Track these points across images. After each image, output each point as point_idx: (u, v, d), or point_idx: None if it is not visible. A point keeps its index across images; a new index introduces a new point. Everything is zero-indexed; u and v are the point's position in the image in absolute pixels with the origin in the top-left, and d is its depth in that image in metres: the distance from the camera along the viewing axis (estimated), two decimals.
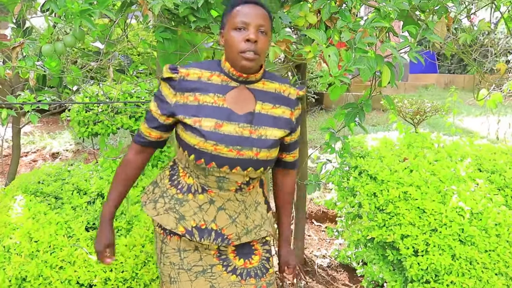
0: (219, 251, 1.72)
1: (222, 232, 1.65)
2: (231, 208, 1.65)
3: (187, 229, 1.64)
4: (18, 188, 2.67)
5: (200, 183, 1.63)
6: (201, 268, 1.70)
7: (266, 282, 1.77)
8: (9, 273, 2.13)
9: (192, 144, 1.54)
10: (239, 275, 1.73)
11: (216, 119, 1.54)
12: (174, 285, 1.70)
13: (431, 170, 2.69)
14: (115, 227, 2.24)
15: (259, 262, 1.77)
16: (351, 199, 2.72)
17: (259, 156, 1.57)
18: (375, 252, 2.65)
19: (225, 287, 1.71)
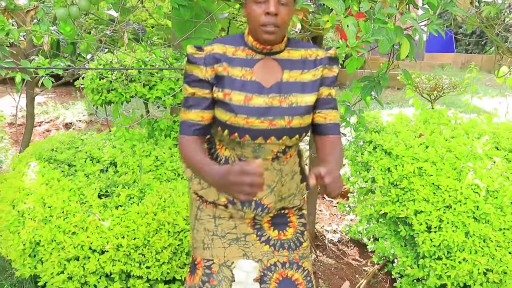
0: (254, 220, 1.72)
1: (261, 202, 1.64)
2: (269, 177, 1.63)
3: (228, 199, 1.65)
4: (32, 155, 2.69)
5: (237, 155, 1.62)
6: (235, 236, 1.71)
7: (299, 255, 1.77)
8: (23, 237, 2.15)
9: (224, 119, 1.53)
10: (272, 246, 1.74)
11: (245, 93, 1.52)
12: (207, 251, 1.71)
13: (447, 146, 2.65)
14: (127, 195, 2.24)
15: (293, 235, 1.76)
16: (365, 174, 2.69)
17: (292, 124, 1.54)
18: (387, 228, 2.63)
19: (258, 256, 1.72)
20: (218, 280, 1.69)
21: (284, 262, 1.75)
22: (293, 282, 1.76)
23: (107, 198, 2.26)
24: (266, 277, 1.73)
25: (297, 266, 1.77)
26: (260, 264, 1.72)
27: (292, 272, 1.76)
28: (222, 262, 1.70)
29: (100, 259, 2.06)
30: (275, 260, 1.74)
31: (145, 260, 2.06)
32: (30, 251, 2.17)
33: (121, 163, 2.52)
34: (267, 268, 1.73)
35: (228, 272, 1.70)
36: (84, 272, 2.09)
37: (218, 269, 1.70)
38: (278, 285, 1.74)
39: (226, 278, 1.69)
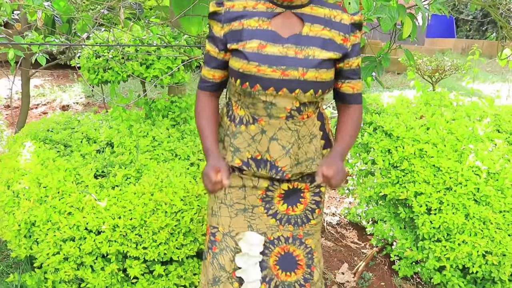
0: (266, 192, 1.69)
1: (276, 164, 1.61)
2: (284, 138, 1.59)
3: (243, 161, 1.62)
4: (27, 136, 2.65)
5: (250, 113, 1.59)
6: (242, 207, 1.69)
7: (304, 232, 1.75)
8: (18, 217, 2.12)
9: (237, 68, 1.51)
10: (279, 220, 1.72)
11: (259, 40, 1.50)
12: (214, 218, 1.70)
13: (448, 128, 2.62)
14: (123, 175, 2.21)
15: (303, 211, 1.74)
16: (365, 156, 2.66)
17: (306, 77, 1.48)
18: (386, 210, 2.61)
19: (262, 229, 1.70)
20: (220, 249, 1.68)
21: (288, 237, 1.73)
22: (293, 258, 1.74)
23: (104, 178, 2.22)
24: (267, 249, 1.72)
25: (300, 243, 1.75)
26: (263, 237, 1.71)
27: (294, 247, 1.74)
28: (226, 231, 1.69)
29: (96, 239, 2.04)
30: (279, 234, 1.72)
31: (142, 240, 2.04)
32: (26, 232, 2.14)
33: (117, 143, 2.48)
34: (270, 241, 1.72)
35: (231, 242, 1.68)
36: (80, 252, 2.07)
37: (221, 238, 1.69)
38: (279, 258, 1.72)
39: (229, 248, 1.68)
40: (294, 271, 1.74)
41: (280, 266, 1.73)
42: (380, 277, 2.70)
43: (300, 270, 1.75)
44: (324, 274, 2.66)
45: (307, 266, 1.76)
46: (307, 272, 1.76)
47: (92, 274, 2.10)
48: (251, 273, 1.68)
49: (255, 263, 1.69)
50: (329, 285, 2.59)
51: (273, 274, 1.72)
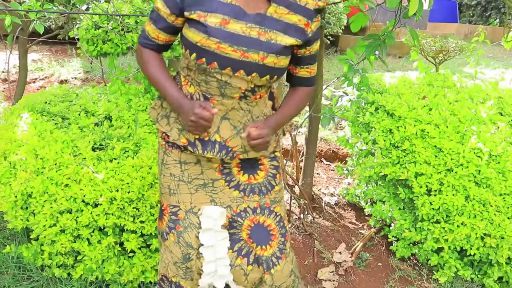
0: (223, 165, 1.65)
1: (226, 144, 1.57)
2: (236, 117, 1.56)
3: (189, 141, 1.57)
4: (24, 107, 2.61)
5: (202, 91, 1.53)
6: (202, 182, 1.65)
7: (271, 200, 1.71)
8: (15, 188, 2.10)
9: (195, 41, 1.43)
10: (242, 191, 1.68)
11: (223, 15, 1.42)
12: (174, 197, 1.66)
13: (451, 109, 2.59)
14: (122, 148, 2.18)
15: (265, 178, 1.70)
16: (365, 135, 2.63)
17: (265, 61, 1.46)
18: (386, 190, 2.60)
19: (227, 203, 1.67)
20: (184, 227, 1.65)
21: (255, 207, 1.69)
22: (265, 228, 1.70)
23: (101, 151, 2.20)
24: (236, 223, 1.68)
25: (269, 211, 1.71)
26: (229, 210, 1.67)
27: (264, 217, 1.70)
28: (188, 209, 1.66)
29: (93, 212, 2.02)
30: (245, 205, 1.68)
31: (139, 214, 2.02)
32: (22, 203, 2.12)
33: (116, 117, 2.45)
34: (236, 214, 1.68)
35: (195, 219, 1.65)
36: (77, 225, 2.05)
37: (184, 216, 1.66)
38: (250, 232, 1.69)
39: (193, 225, 1.65)
40: (269, 243, 1.70)
41: (254, 239, 1.69)
42: (377, 258, 2.70)
43: (275, 241, 1.71)
44: (322, 253, 2.66)
45: (281, 235, 1.73)
46: (281, 242, 1.72)
47: (88, 247, 2.08)
48: (220, 249, 1.66)
49: (223, 238, 1.66)
50: (326, 264, 2.59)
51: (250, 247, 1.69)
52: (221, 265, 1.67)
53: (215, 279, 1.68)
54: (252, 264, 1.70)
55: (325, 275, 2.49)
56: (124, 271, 2.11)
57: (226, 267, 1.68)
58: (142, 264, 2.09)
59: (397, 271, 2.60)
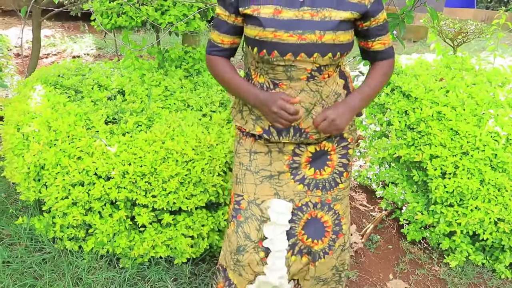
0: (293, 158, 1.65)
1: (299, 126, 1.57)
2: (306, 99, 1.55)
3: (264, 129, 1.59)
4: (37, 80, 2.60)
5: (270, 79, 1.55)
6: (268, 173, 1.65)
7: (332, 196, 1.70)
8: (27, 160, 2.10)
9: (253, 36, 1.48)
10: (306, 185, 1.68)
11: (275, 6, 1.45)
12: (239, 186, 1.67)
13: (469, 92, 2.54)
14: (134, 122, 2.17)
15: (330, 174, 1.69)
16: (380, 116, 2.59)
17: (323, 40, 1.44)
18: (399, 172, 2.57)
19: (290, 196, 1.66)
20: (245, 217, 1.65)
21: (316, 202, 1.70)
22: (321, 224, 1.70)
23: (114, 125, 2.19)
24: (296, 216, 1.68)
25: (328, 208, 1.71)
26: (292, 204, 1.67)
27: (322, 213, 1.70)
28: (251, 199, 1.65)
29: (106, 185, 2.01)
30: (307, 200, 1.68)
31: (151, 188, 2.02)
32: (35, 175, 2.13)
33: (129, 91, 2.43)
34: (298, 208, 1.68)
35: (257, 210, 1.65)
36: (89, 198, 2.05)
37: (246, 206, 1.65)
38: (305, 224, 1.69)
39: (254, 216, 1.65)
40: (322, 239, 1.70)
41: (306, 231, 1.69)
42: (388, 240, 2.68)
43: (327, 237, 1.71)
44: None
45: (333, 232, 1.73)
46: (331, 239, 1.72)
47: (100, 220, 2.09)
48: (277, 242, 1.65)
49: (282, 232, 1.66)
50: None
51: (298, 239, 1.69)
52: (278, 257, 1.66)
53: (270, 273, 1.66)
54: (296, 255, 1.70)
55: None
56: (134, 245, 2.11)
57: (282, 259, 1.67)
58: (153, 239, 2.10)
59: (407, 254, 2.58)
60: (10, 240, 2.34)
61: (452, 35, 2.91)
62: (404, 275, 2.48)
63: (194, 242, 2.17)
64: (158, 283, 2.15)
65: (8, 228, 2.39)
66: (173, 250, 2.13)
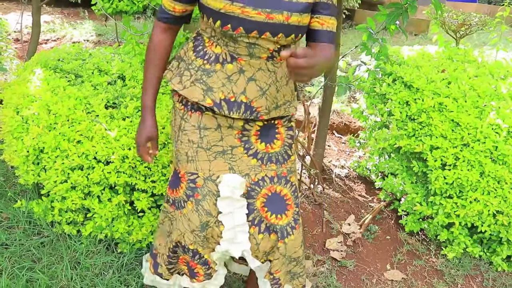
0: (242, 132, 1.64)
1: (251, 105, 1.56)
2: (262, 79, 1.55)
3: (215, 102, 1.55)
4: (37, 63, 2.58)
5: (229, 51, 1.52)
6: (221, 149, 1.63)
7: (287, 169, 1.70)
8: (27, 143, 2.09)
9: (218, 8, 1.43)
10: (260, 160, 1.67)
11: None
12: (192, 164, 1.63)
13: (471, 84, 2.53)
14: (135, 107, 2.15)
15: (281, 147, 1.69)
16: (381, 107, 2.59)
17: (290, 21, 1.44)
18: (399, 163, 2.57)
19: (245, 171, 1.65)
20: (202, 195, 1.63)
21: (272, 176, 1.68)
22: (281, 198, 1.69)
23: (114, 109, 2.17)
24: (253, 192, 1.67)
25: (285, 181, 1.70)
26: (247, 179, 1.65)
27: (280, 187, 1.69)
28: (207, 176, 1.63)
29: (105, 169, 2.01)
30: (263, 174, 1.67)
31: (151, 174, 2.01)
32: (34, 158, 2.12)
33: (129, 76, 2.42)
34: (254, 183, 1.66)
35: (213, 186, 1.63)
36: (88, 182, 2.04)
37: (203, 183, 1.63)
38: (266, 200, 1.67)
39: (211, 193, 1.63)
40: (285, 213, 1.70)
41: (269, 208, 1.68)
42: (386, 231, 2.69)
43: (290, 211, 1.71)
44: (330, 223, 2.65)
45: (295, 205, 1.73)
46: (295, 212, 1.72)
47: (99, 204, 2.08)
48: (237, 216, 1.64)
49: (241, 206, 1.64)
50: (335, 235, 2.58)
51: (262, 217, 1.68)
52: (239, 231, 1.65)
53: (232, 246, 1.65)
54: (263, 233, 1.69)
55: (333, 245, 2.49)
56: (133, 230, 2.11)
57: (244, 233, 1.66)
58: (152, 224, 2.10)
59: (405, 245, 2.59)
60: (9, 223, 2.34)
61: (455, 27, 2.89)
62: (401, 265, 2.49)
63: None
64: None
65: (7, 211, 2.39)
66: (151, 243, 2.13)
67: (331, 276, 2.31)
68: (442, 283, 2.40)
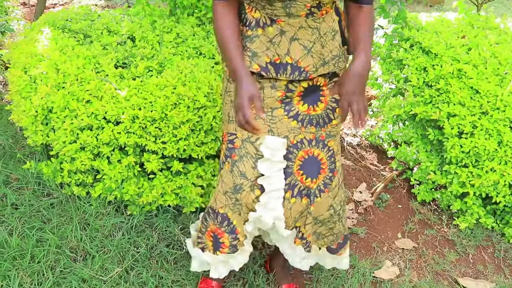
0: (286, 93, 1.59)
1: (298, 65, 1.52)
2: (304, 37, 1.51)
3: (261, 66, 1.53)
4: (45, 23, 2.52)
5: (267, 14, 1.49)
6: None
7: (326, 133, 1.67)
8: (35, 102, 2.06)
9: None
10: (300, 122, 1.63)
11: None
12: (232, 125, 1.63)
13: (492, 51, 2.44)
14: (145, 67, 2.10)
15: (324, 110, 1.65)
16: (397, 73, 2.51)
17: None
18: (414, 131, 2.50)
19: (284, 133, 1.62)
20: (239, 156, 1.61)
21: (311, 139, 1.65)
22: (317, 161, 1.67)
23: (124, 69, 2.12)
24: (291, 154, 1.64)
25: (323, 145, 1.67)
26: (286, 141, 1.62)
27: (318, 150, 1.66)
28: (245, 138, 1.61)
29: (115, 129, 1.97)
30: (302, 137, 1.64)
31: (162, 134, 1.97)
32: (42, 118, 2.09)
33: (139, 37, 2.36)
34: (293, 145, 1.64)
35: (251, 148, 1.61)
36: (97, 142, 2.01)
37: (240, 144, 1.61)
38: (302, 163, 1.65)
39: (249, 155, 1.61)
40: (317, 177, 1.68)
41: (304, 171, 1.66)
42: (398, 200, 2.65)
43: (322, 174, 1.69)
44: None
45: (329, 170, 1.70)
46: (327, 176, 1.70)
47: (108, 165, 2.06)
48: (274, 180, 1.62)
49: (279, 170, 1.62)
50: (347, 202, 2.55)
51: (296, 180, 1.66)
52: (274, 197, 1.62)
53: (265, 212, 1.63)
54: (296, 197, 1.67)
55: None
56: (143, 192, 2.09)
57: (279, 199, 1.63)
58: (162, 187, 2.07)
59: (416, 214, 2.56)
60: (18, 184, 2.33)
61: None
62: (412, 234, 2.46)
63: (204, 191, 2.14)
64: (165, 231, 2.13)
65: (16, 173, 2.37)
66: (182, 199, 2.11)
67: None
68: (453, 253, 2.38)
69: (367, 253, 2.30)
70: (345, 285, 2.09)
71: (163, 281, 1.97)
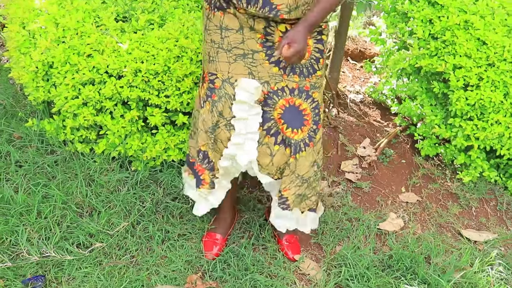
0: (265, 36, 1.57)
1: (270, 1, 1.48)
2: None
3: None
4: None
5: None
6: (241, 52, 1.58)
7: (311, 84, 1.64)
8: (35, 58, 2.02)
9: None
10: (282, 69, 1.61)
11: None
12: (212, 65, 1.61)
13: (500, 1, 2.39)
14: (146, 20, 2.05)
15: (308, 60, 1.62)
16: (402, 26, 2.46)
17: None
18: (418, 85, 2.48)
19: (265, 78, 1.60)
20: (219, 96, 1.61)
21: (293, 88, 1.64)
22: (300, 112, 1.66)
23: (125, 23, 2.08)
24: (271, 100, 1.63)
25: (307, 95, 1.65)
26: (265, 86, 1.61)
27: (300, 100, 1.65)
28: (225, 78, 1.60)
29: (117, 84, 1.95)
30: (284, 84, 1.63)
31: (165, 88, 1.95)
32: (43, 74, 2.06)
33: None
34: (273, 91, 1.62)
35: (230, 89, 1.61)
36: (100, 97, 1.99)
37: (220, 85, 1.61)
38: (284, 112, 1.64)
39: (227, 95, 1.61)
40: (301, 128, 1.67)
41: (286, 120, 1.65)
42: (401, 155, 2.65)
43: (307, 126, 1.68)
44: (345, 146, 2.61)
45: (314, 122, 1.69)
46: (312, 129, 1.69)
47: (111, 120, 2.04)
48: (250, 123, 1.62)
49: (257, 113, 1.62)
50: (350, 157, 2.55)
51: (278, 128, 1.66)
52: (249, 139, 1.63)
53: (240, 153, 1.64)
54: (279, 145, 1.66)
55: (348, 167, 2.46)
56: (147, 147, 2.08)
57: (254, 142, 1.65)
58: (166, 142, 2.06)
59: (420, 169, 2.56)
60: (21, 142, 2.32)
61: None
62: (416, 188, 2.47)
63: None
64: (171, 185, 2.14)
65: (18, 131, 2.35)
66: (186, 154, 2.10)
67: (346, 197, 2.30)
68: (457, 206, 2.39)
69: (371, 206, 2.32)
70: (350, 237, 2.11)
71: (169, 235, 1.99)
